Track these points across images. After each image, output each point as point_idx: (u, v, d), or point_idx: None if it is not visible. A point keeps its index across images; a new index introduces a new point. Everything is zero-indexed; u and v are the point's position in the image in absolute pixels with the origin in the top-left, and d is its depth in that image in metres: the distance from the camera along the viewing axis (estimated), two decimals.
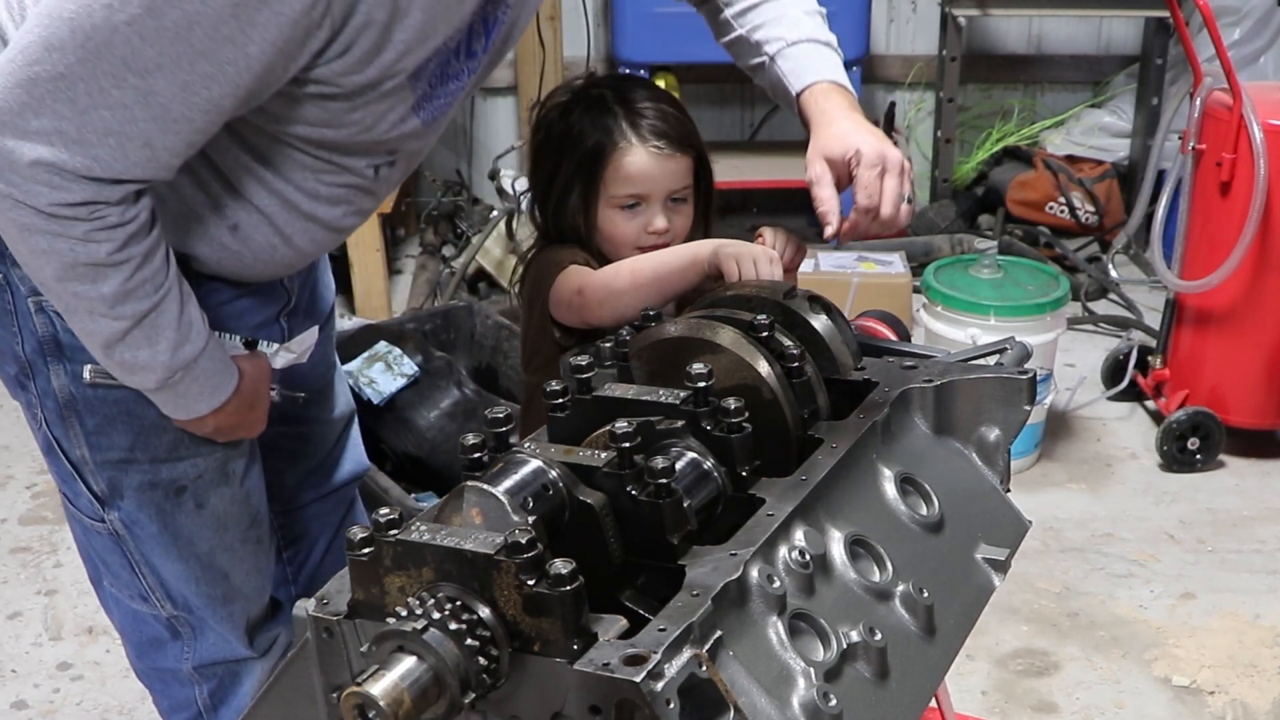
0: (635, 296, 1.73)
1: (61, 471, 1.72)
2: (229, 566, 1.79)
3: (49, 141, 1.31)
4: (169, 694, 1.91)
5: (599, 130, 1.84)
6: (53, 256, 1.38)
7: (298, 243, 1.63)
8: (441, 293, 4.51)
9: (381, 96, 1.47)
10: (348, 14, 1.35)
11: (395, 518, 1.00)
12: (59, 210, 1.34)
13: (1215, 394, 3.63)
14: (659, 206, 1.86)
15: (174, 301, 1.47)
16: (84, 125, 1.31)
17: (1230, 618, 3.00)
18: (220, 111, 1.37)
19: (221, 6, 1.27)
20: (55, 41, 1.28)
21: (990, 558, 1.28)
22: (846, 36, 4.65)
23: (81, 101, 1.30)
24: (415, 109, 1.52)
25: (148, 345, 1.47)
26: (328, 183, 1.58)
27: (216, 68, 1.31)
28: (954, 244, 4.72)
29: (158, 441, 1.66)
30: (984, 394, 1.37)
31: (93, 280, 1.40)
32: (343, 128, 1.50)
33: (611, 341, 1.37)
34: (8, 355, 1.65)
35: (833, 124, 1.71)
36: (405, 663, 0.93)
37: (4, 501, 3.58)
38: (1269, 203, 3.34)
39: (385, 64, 1.42)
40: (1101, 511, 3.45)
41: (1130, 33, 5.27)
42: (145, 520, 1.71)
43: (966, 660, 2.81)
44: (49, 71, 1.28)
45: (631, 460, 1.09)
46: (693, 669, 0.94)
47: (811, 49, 1.78)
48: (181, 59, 1.29)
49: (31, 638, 3.00)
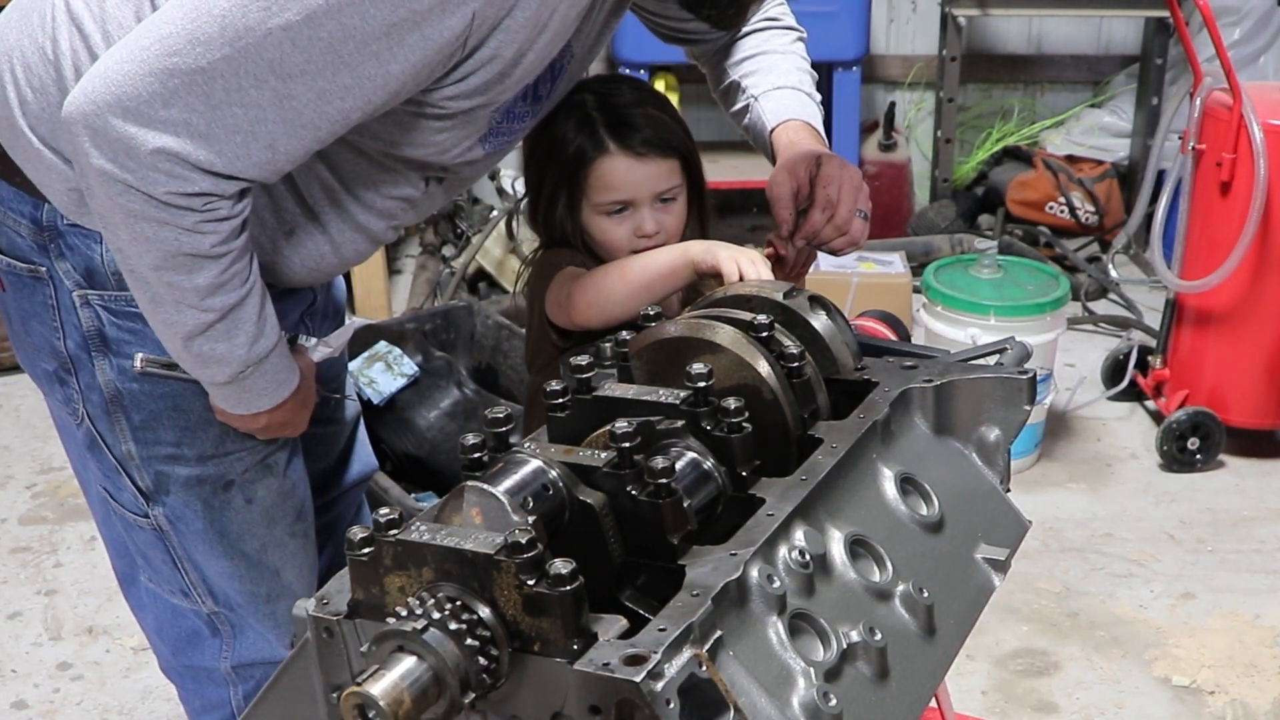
0: (624, 298, 1.74)
1: (105, 466, 1.70)
2: (281, 563, 1.79)
3: (175, 132, 1.31)
4: (202, 693, 1.89)
5: (579, 137, 1.83)
6: (156, 245, 1.38)
7: (345, 252, 1.65)
8: (441, 293, 4.51)
9: (468, 123, 1.50)
10: (479, 46, 1.38)
11: (395, 518, 1.00)
12: (174, 199, 1.34)
13: (1215, 394, 3.63)
14: (646, 210, 1.84)
15: (257, 296, 1.49)
16: (214, 120, 1.31)
17: (1230, 618, 3.00)
18: (346, 123, 1.38)
19: (378, 25, 1.29)
20: (201, 36, 1.28)
21: (990, 558, 1.28)
22: (846, 36, 4.71)
23: (217, 97, 1.30)
24: (483, 140, 1.56)
25: (227, 338, 1.48)
26: (385, 194, 1.60)
27: (356, 81, 1.33)
28: (954, 244, 4.72)
29: (204, 436, 1.66)
30: (984, 394, 1.37)
31: (190, 271, 1.40)
32: (425, 147, 1.53)
33: (611, 341, 1.37)
34: (46, 351, 1.65)
35: (796, 147, 1.79)
36: (405, 663, 0.93)
37: (4, 501, 3.58)
38: (1269, 203, 3.34)
39: (491, 96, 1.46)
40: (1101, 511, 3.45)
41: (1130, 33, 5.27)
42: (191, 516, 1.71)
43: (966, 660, 2.81)
44: (189, 64, 1.28)
45: (631, 460, 1.09)
46: (693, 669, 0.94)
47: (794, 95, 1.87)
48: (326, 69, 1.31)
49: (31, 638, 3.00)
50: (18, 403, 4.11)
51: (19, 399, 4.12)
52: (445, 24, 1.32)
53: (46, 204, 1.55)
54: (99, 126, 1.31)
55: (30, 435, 3.91)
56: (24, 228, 1.58)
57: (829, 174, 1.75)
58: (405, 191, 1.62)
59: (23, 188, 1.55)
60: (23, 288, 1.62)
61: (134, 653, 2.91)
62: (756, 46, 1.92)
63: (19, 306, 1.65)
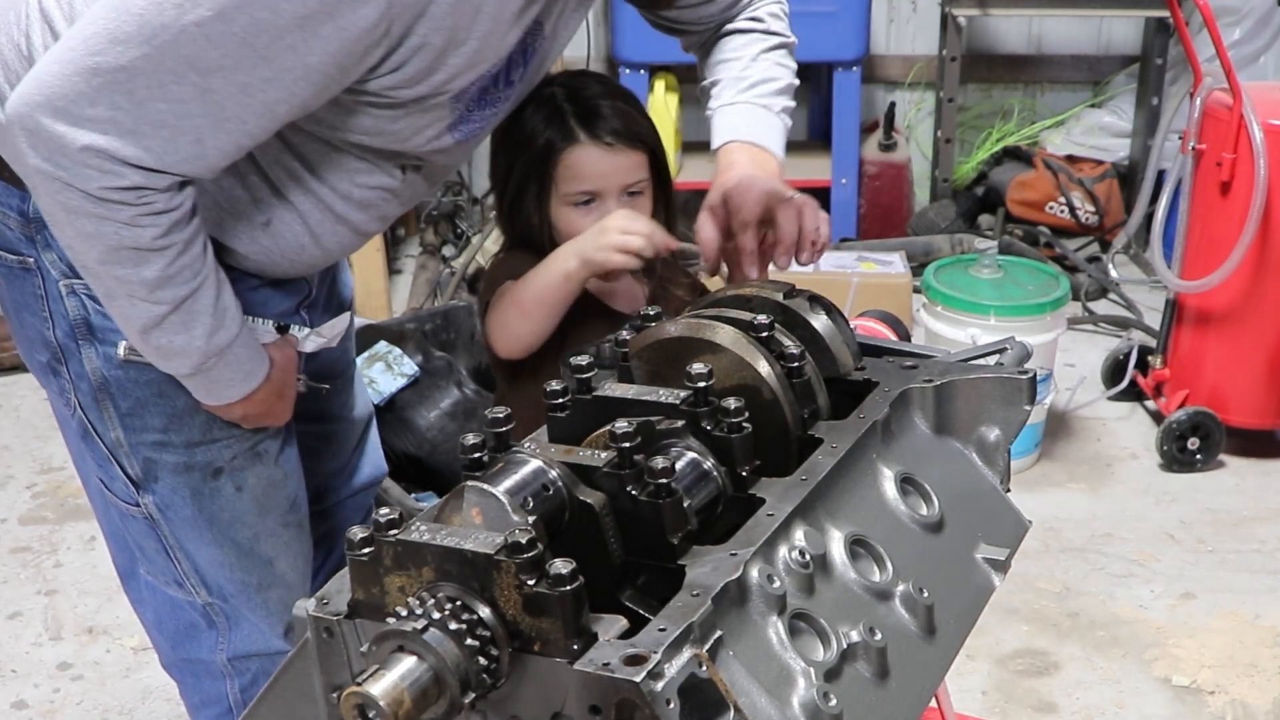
0: (526, 323, 1.80)
1: (97, 455, 1.73)
2: (273, 552, 1.80)
3: (103, 130, 1.33)
4: (200, 687, 1.90)
5: (549, 128, 1.85)
6: (98, 240, 1.40)
7: (326, 243, 1.66)
8: (441, 293, 4.51)
9: (423, 111, 1.51)
10: (405, 35, 1.39)
11: (395, 518, 1.00)
12: (108, 194, 1.36)
13: (1215, 394, 3.63)
14: (614, 203, 1.86)
15: (211, 288, 1.50)
16: (140, 117, 1.33)
17: (1230, 618, 3.00)
18: (273, 116, 1.40)
19: (290, 18, 1.31)
20: (121, 35, 1.30)
21: (990, 558, 1.28)
22: (846, 36, 4.71)
23: (140, 94, 1.32)
24: (451, 128, 1.56)
25: (184, 330, 1.50)
26: (361, 184, 1.62)
27: (275, 73, 1.35)
28: (954, 244, 4.72)
29: (191, 423, 1.68)
30: (984, 394, 1.37)
31: (135, 264, 1.42)
32: (381, 135, 1.54)
33: (611, 341, 1.37)
34: (38, 342, 1.67)
35: (718, 176, 1.76)
36: (405, 663, 0.93)
37: (4, 501, 3.58)
38: (1269, 203, 3.34)
39: (434, 84, 1.46)
40: (1101, 511, 3.45)
41: (1130, 33, 5.27)
42: (179, 504, 1.72)
43: (966, 660, 2.81)
44: (111, 63, 1.31)
45: (631, 460, 1.09)
46: (693, 669, 0.94)
47: (747, 111, 1.83)
48: (243, 62, 1.33)
49: (31, 638, 3.00)
50: (18, 403, 4.11)
51: (19, 399, 4.12)
52: (359, 14, 1.33)
53: (32, 196, 1.57)
54: (32, 127, 1.34)
55: (30, 435, 3.91)
56: (12, 220, 1.60)
57: (782, 217, 1.71)
58: (382, 180, 1.63)
59: (10, 181, 1.57)
60: (14, 280, 1.65)
61: (134, 653, 2.91)
62: (732, 52, 1.88)
63: (13, 299, 1.68)
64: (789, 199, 1.70)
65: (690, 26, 1.90)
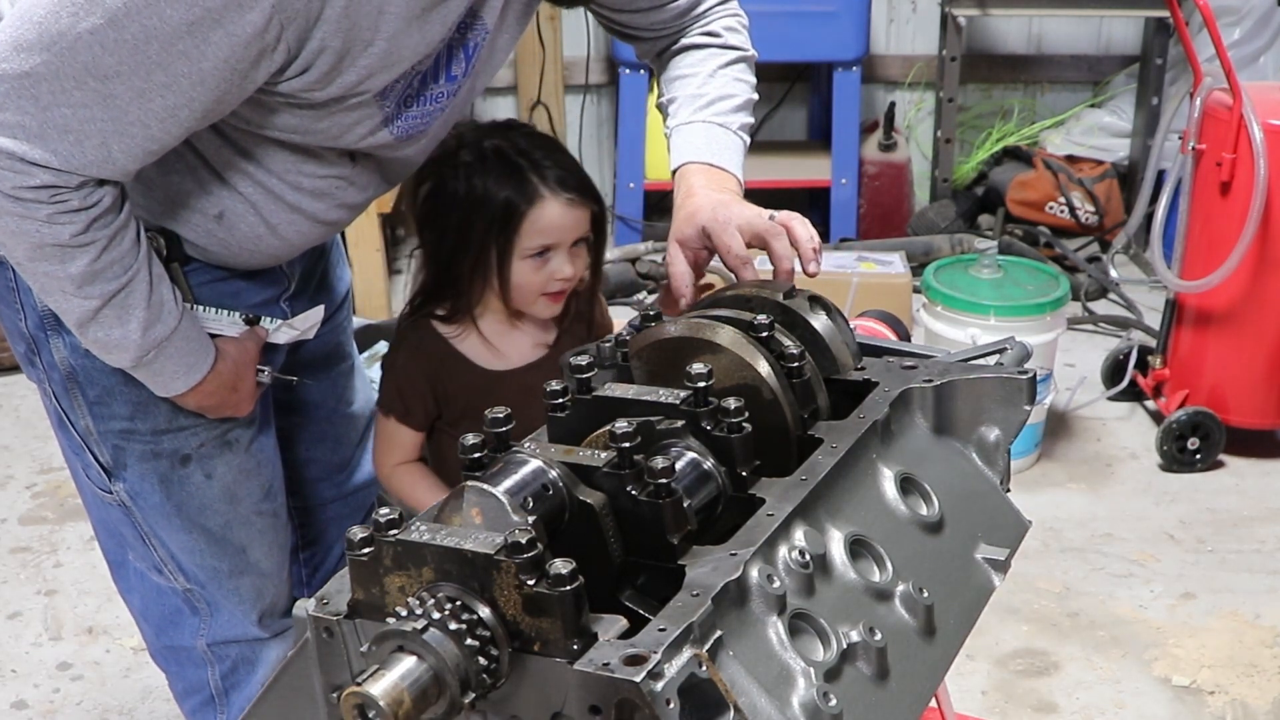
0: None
1: (72, 444, 1.76)
2: (246, 540, 1.82)
3: (11, 134, 1.36)
4: (183, 675, 1.93)
5: (508, 187, 1.87)
6: (22, 238, 1.43)
7: (284, 233, 1.67)
8: None
9: (346, 110, 1.52)
10: (303, 39, 1.41)
11: (395, 518, 1.00)
12: (21, 194, 1.39)
13: (1215, 394, 3.63)
14: (565, 254, 1.91)
15: (143, 283, 1.52)
16: (44, 121, 1.36)
17: (1230, 618, 3.00)
18: (177, 121, 1.41)
19: (177, 25, 1.33)
20: (23, 42, 1.33)
21: (990, 558, 1.28)
22: (846, 36, 4.71)
23: (44, 99, 1.35)
24: (385, 124, 1.57)
25: (119, 324, 1.52)
26: (309, 174, 1.62)
27: (171, 79, 1.36)
28: (954, 244, 4.73)
29: (156, 411, 1.70)
30: (984, 394, 1.37)
31: (60, 260, 1.45)
32: (310, 134, 1.56)
33: (611, 341, 1.37)
34: (15, 333, 1.70)
35: (683, 206, 1.68)
36: (405, 663, 0.93)
37: (4, 501, 3.58)
38: (1269, 203, 3.34)
39: (347, 84, 1.48)
40: (1101, 511, 3.45)
41: (1130, 33, 5.27)
42: (148, 490, 1.75)
43: (966, 660, 2.81)
44: (14, 69, 1.34)
45: (631, 460, 1.09)
46: (693, 669, 0.94)
47: (703, 130, 1.76)
48: (139, 68, 1.35)
49: (31, 638, 3.00)
50: (18, 403, 4.11)
51: (19, 399, 4.12)
52: (245, 20, 1.34)
53: None
54: None
55: (30, 435, 3.91)
56: None
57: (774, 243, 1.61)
58: (331, 170, 1.64)
59: None
60: None
61: (134, 653, 2.91)
62: (688, 68, 1.82)
63: None
64: (770, 221, 1.61)
65: (640, 33, 1.85)
